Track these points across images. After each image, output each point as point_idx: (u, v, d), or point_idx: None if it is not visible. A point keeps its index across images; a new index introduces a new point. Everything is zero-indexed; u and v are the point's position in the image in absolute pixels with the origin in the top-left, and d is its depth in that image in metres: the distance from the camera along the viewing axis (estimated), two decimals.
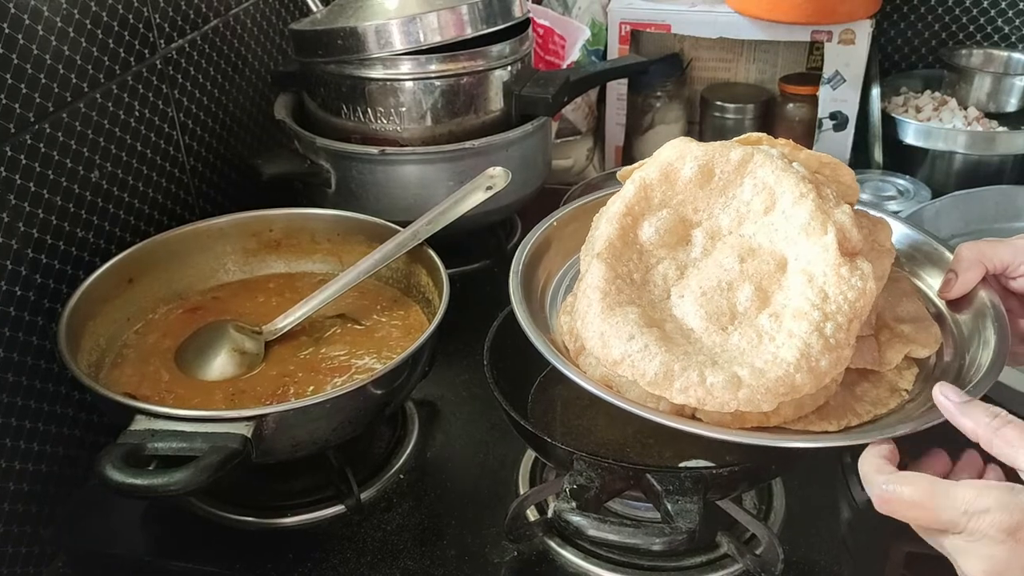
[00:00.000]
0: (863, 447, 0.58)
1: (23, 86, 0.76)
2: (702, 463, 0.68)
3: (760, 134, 0.71)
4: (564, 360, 0.64)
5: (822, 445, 0.62)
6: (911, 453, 0.59)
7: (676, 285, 0.65)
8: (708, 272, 0.65)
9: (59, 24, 0.80)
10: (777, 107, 1.36)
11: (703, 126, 1.42)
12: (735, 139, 0.70)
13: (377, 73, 0.97)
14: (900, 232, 0.76)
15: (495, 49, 1.00)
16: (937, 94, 1.33)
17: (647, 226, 0.67)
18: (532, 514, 0.77)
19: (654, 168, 0.69)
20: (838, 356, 0.59)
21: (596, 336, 0.62)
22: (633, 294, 0.65)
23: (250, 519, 0.79)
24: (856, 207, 0.72)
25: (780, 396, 0.58)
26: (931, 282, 0.74)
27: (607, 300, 0.63)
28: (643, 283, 0.66)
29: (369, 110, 1.00)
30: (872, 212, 0.73)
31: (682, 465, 0.66)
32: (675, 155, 0.68)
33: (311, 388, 0.79)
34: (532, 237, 0.76)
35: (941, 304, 0.72)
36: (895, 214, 1.08)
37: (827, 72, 1.26)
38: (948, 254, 0.72)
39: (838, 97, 1.27)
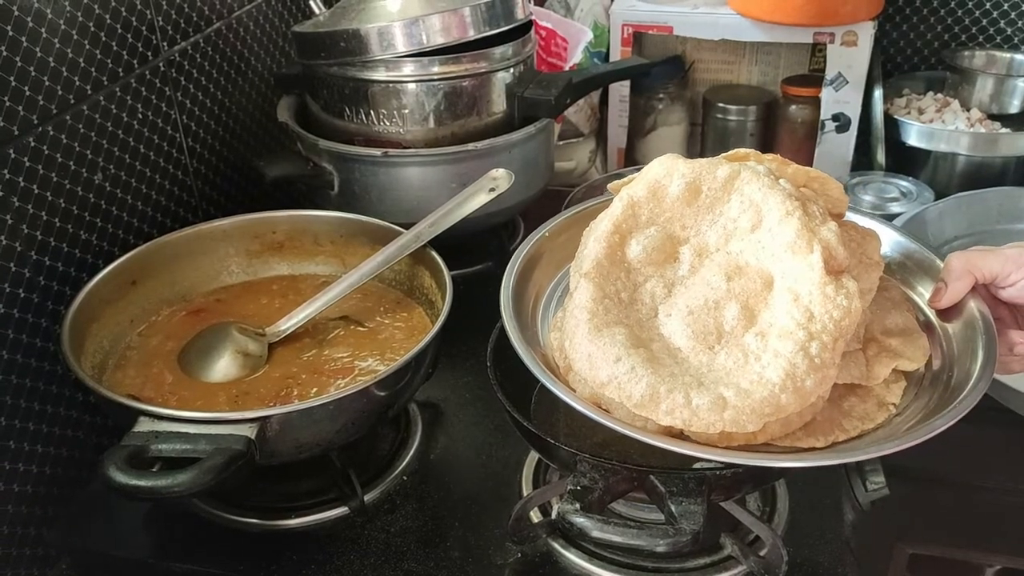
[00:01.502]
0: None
1: (26, 89, 0.76)
2: (709, 464, 0.68)
3: (748, 150, 0.71)
4: (554, 379, 0.64)
5: (807, 465, 0.62)
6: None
7: (663, 303, 0.65)
8: (695, 290, 0.65)
9: (62, 27, 0.80)
10: (779, 109, 1.36)
11: (705, 128, 1.42)
12: (722, 155, 0.70)
13: (380, 75, 0.97)
14: (892, 239, 0.76)
15: (498, 51, 1.00)
16: (940, 96, 1.33)
17: (635, 244, 0.67)
18: (536, 516, 0.77)
19: (642, 185, 0.69)
20: (823, 376, 0.59)
21: (584, 357, 0.62)
22: (621, 313, 0.65)
23: (253, 521, 0.79)
24: (847, 215, 0.72)
25: (765, 416, 0.58)
26: (922, 290, 0.74)
27: (594, 321, 0.63)
28: (631, 302, 0.66)
29: (372, 112, 1.00)
30: (861, 222, 0.72)
31: (695, 466, 0.66)
32: (663, 172, 0.68)
33: (314, 390, 0.79)
34: (523, 250, 0.76)
35: (931, 313, 0.72)
36: (897, 216, 1.09)
37: (829, 74, 1.26)
38: (939, 262, 0.72)
39: (840, 99, 1.27)
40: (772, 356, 0.59)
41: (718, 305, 0.63)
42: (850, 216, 0.72)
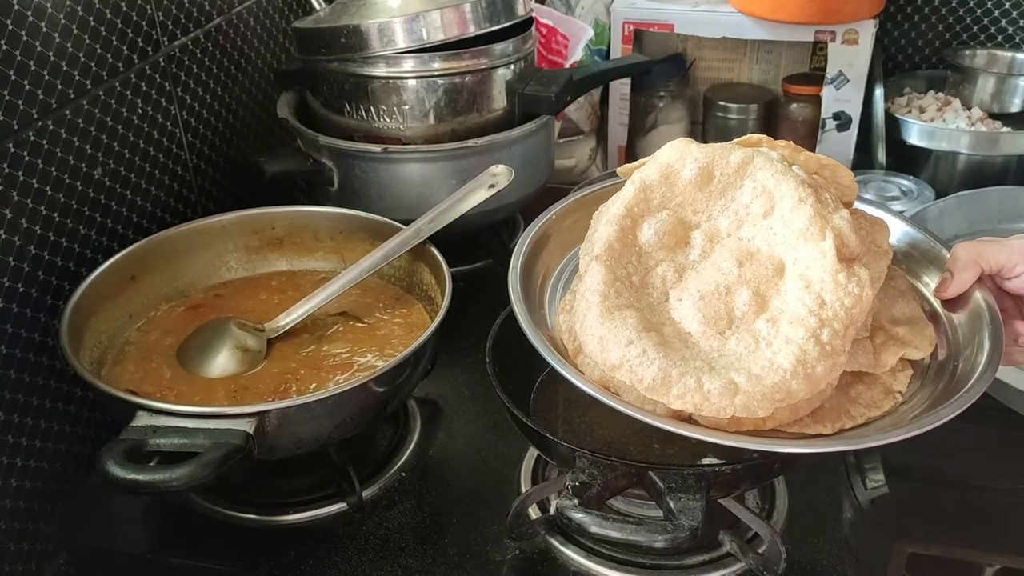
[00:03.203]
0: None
1: (26, 83, 0.76)
2: (716, 461, 0.68)
3: (760, 136, 0.70)
4: (563, 361, 0.64)
5: (816, 451, 0.62)
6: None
7: (675, 288, 0.65)
8: (706, 275, 0.65)
9: (63, 21, 0.80)
10: (780, 107, 1.36)
11: (706, 126, 1.42)
12: (735, 140, 0.70)
13: (380, 71, 0.97)
14: (899, 230, 0.76)
15: (498, 48, 1.00)
16: (941, 94, 1.33)
17: (646, 228, 0.67)
18: (534, 512, 0.76)
19: (654, 169, 0.68)
20: (834, 363, 0.59)
21: (595, 340, 0.62)
22: (632, 297, 0.64)
23: (252, 516, 0.79)
24: (856, 205, 0.72)
25: (776, 402, 0.58)
26: (927, 280, 0.74)
27: (606, 304, 0.63)
28: (642, 285, 0.66)
29: (372, 108, 1.00)
30: (870, 211, 0.72)
31: (703, 462, 0.66)
32: (675, 156, 0.68)
33: (313, 385, 0.79)
34: (531, 231, 0.75)
35: (936, 303, 0.72)
36: (898, 214, 1.09)
37: (830, 72, 1.26)
38: (946, 253, 0.72)
39: (841, 97, 1.27)
40: (783, 342, 0.59)
41: (729, 290, 0.63)
42: (858, 206, 0.72)
